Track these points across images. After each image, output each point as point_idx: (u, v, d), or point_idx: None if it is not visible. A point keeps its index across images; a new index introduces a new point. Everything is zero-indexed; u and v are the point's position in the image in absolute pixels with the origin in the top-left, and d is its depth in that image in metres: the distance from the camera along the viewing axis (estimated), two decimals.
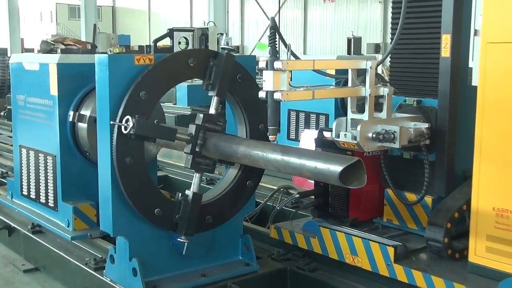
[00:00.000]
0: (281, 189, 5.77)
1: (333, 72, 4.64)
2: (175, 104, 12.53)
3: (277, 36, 3.75)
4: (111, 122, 3.81)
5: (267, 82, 3.61)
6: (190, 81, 4.64)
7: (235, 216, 4.41)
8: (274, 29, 3.73)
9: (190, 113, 12.05)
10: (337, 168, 3.23)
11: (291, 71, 3.68)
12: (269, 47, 3.64)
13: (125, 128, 3.73)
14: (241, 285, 4.19)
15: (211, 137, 3.97)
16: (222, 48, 4.09)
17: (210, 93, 4.08)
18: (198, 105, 11.46)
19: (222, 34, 16.13)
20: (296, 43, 32.84)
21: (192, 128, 3.96)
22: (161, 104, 4.93)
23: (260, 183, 4.55)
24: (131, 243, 4.02)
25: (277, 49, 3.65)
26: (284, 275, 4.52)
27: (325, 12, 32.40)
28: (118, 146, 3.81)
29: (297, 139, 7.61)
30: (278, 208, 5.02)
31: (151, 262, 4.09)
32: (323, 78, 4.30)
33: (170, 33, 13.74)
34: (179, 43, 13.71)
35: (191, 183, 4.10)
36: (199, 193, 4.07)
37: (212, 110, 4.09)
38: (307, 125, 7.57)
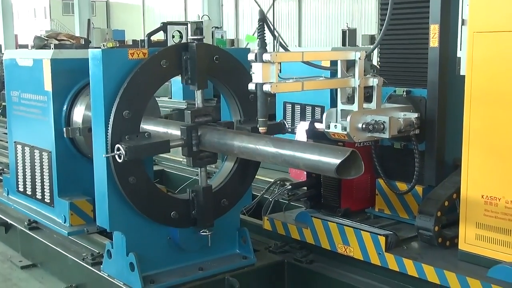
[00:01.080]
0: (278, 182, 5.76)
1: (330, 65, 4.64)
2: (171, 98, 12.52)
3: (265, 28, 3.75)
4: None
5: (256, 74, 3.63)
6: None
7: (231, 209, 4.41)
8: (262, 21, 3.74)
9: (186, 107, 12.01)
10: (335, 161, 3.22)
11: (280, 63, 3.69)
12: (258, 40, 3.65)
13: (119, 157, 3.75)
14: (238, 278, 4.19)
15: (205, 133, 3.99)
16: (191, 39, 4.07)
17: (192, 87, 4.08)
18: (194, 99, 11.43)
19: (216, 27, 16.12)
20: (291, 36, 32.80)
21: (183, 131, 3.97)
22: (157, 98, 4.93)
23: (256, 176, 4.56)
24: (128, 237, 4.02)
25: (266, 41, 3.65)
26: (282, 268, 4.54)
27: (320, 4, 32.33)
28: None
29: (293, 131, 7.61)
30: (270, 200, 5.01)
31: (148, 256, 4.09)
32: (320, 70, 4.29)
33: (164, 27, 13.67)
34: (173, 36, 13.66)
35: (188, 177, 4.12)
36: (208, 185, 4.12)
37: (199, 104, 4.10)
38: (303, 118, 7.57)
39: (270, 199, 5.00)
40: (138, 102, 3.90)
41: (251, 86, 3.69)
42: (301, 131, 6.89)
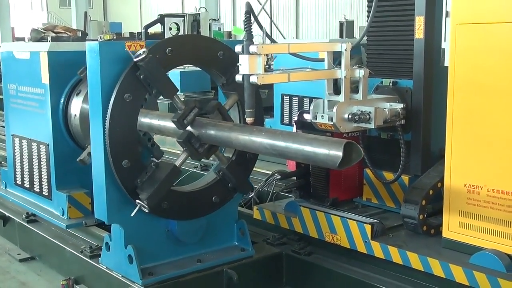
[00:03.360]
0: (275, 174, 5.75)
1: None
2: None
3: (252, 20, 3.80)
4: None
5: (243, 65, 3.68)
6: (182, 67, 4.63)
7: (230, 202, 4.41)
8: (249, 13, 3.77)
9: (183, 99, 12.01)
10: (338, 153, 3.16)
11: (267, 54, 3.74)
12: (245, 32, 3.68)
13: (145, 208, 3.81)
14: (237, 270, 4.20)
15: (203, 132, 3.95)
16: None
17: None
18: (191, 91, 11.42)
19: (214, 20, 16.06)
20: (288, 28, 32.70)
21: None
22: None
23: (254, 169, 4.56)
24: (126, 230, 4.03)
25: (252, 33, 3.69)
26: (280, 259, 4.55)
27: None
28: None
29: (290, 123, 7.61)
30: (260, 190, 5.02)
31: (147, 249, 4.10)
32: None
33: (161, 19, 13.61)
34: (170, 29, 13.61)
35: (185, 169, 4.08)
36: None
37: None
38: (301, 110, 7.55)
39: (260, 189, 5.01)
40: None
41: (238, 78, 3.73)
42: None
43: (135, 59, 3.75)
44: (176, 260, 4.24)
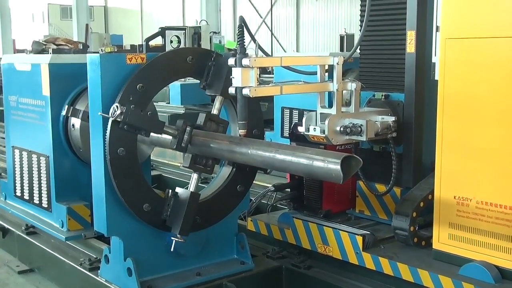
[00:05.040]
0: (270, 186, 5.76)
1: None
2: (169, 103, 12.51)
3: (245, 34, 3.84)
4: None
5: (236, 78, 3.71)
6: (183, 80, 4.64)
7: (229, 215, 4.40)
8: (242, 27, 3.82)
9: (183, 112, 12.02)
10: (337, 167, 3.21)
11: (259, 67, 3.75)
12: (237, 45, 3.72)
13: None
14: (236, 283, 4.19)
15: (198, 133, 4.00)
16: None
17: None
18: (192, 104, 11.42)
19: (214, 32, 16.12)
20: (289, 41, 32.80)
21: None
22: (154, 103, 4.92)
23: (254, 182, 4.56)
24: (125, 243, 4.02)
25: (245, 46, 3.74)
26: (280, 273, 4.53)
27: (318, 9, 32.34)
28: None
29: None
30: (254, 201, 5.03)
31: (146, 261, 4.08)
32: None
33: (162, 32, 13.69)
34: (171, 41, 13.67)
35: (186, 182, 4.11)
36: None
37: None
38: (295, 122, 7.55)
39: (254, 201, 5.02)
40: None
41: (231, 90, 3.76)
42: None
43: (111, 119, 3.75)
44: (175, 273, 4.22)
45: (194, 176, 4.12)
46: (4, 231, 5.81)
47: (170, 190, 4.09)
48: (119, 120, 3.74)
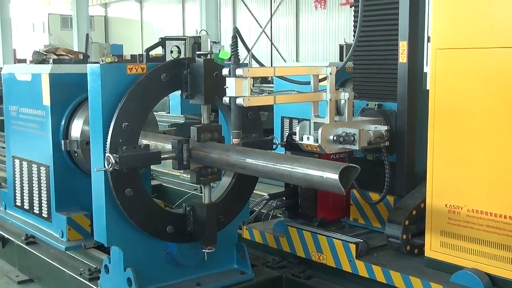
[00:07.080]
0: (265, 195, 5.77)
1: None
2: (169, 112, 12.52)
3: (239, 44, 3.86)
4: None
5: (230, 88, 3.74)
6: None
7: (229, 225, 4.40)
8: (236, 37, 3.85)
9: (183, 121, 12.04)
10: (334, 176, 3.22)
11: (253, 77, 3.79)
12: (232, 55, 3.75)
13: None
14: None
15: (196, 147, 4.01)
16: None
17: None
18: (192, 114, 11.44)
19: (214, 42, 16.15)
20: (289, 50, 32.88)
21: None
22: (154, 113, 4.93)
23: (254, 191, 4.56)
24: (125, 253, 4.01)
25: (239, 56, 3.77)
26: (280, 283, 4.53)
27: (317, 19, 32.41)
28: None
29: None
30: (250, 210, 5.03)
31: (146, 271, 4.08)
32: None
33: (162, 42, 13.71)
34: (171, 51, 13.69)
35: (186, 192, 4.11)
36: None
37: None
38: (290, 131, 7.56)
39: (250, 209, 5.03)
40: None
41: (226, 100, 3.78)
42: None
43: (110, 170, 3.76)
44: (175, 283, 4.22)
45: (206, 189, 4.13)
46: (4, 241, 5.80)
47: (187, 205, 4.14)
48: (117, 168, 3.75)
